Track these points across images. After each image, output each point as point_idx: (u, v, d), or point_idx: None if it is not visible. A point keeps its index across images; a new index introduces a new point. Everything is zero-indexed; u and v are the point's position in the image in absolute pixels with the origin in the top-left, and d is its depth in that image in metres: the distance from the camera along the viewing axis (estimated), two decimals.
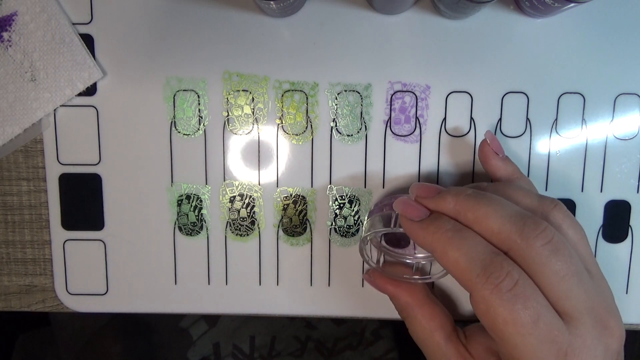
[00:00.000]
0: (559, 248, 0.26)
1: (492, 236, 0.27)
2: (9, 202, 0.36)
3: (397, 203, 0.30)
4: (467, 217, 0.27)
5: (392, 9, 0.33)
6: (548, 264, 0.26)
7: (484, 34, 0.34)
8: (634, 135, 0.35)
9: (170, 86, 0.35)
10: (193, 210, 0.36)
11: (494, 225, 0.27)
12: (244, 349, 0.64)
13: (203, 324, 0.65)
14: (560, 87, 0.34)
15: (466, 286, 0.26)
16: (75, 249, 0.37)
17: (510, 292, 0.25)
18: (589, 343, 0.26)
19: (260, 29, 0.34)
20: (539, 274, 0.26)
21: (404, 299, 0.32)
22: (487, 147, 0.33)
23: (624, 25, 0.34)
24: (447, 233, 0.27)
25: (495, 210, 0.27)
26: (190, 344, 0.64)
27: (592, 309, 0.27)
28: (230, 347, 0.64)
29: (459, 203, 0.28)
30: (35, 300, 0.38)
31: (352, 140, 0.35)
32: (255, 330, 0.65)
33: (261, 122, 0.35)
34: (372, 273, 0.34)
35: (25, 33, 0.33)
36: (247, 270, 0.36)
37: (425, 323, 0.31)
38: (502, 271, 0.25)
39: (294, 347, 0.65)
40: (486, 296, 0.25)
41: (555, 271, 0.26)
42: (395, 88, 0.34)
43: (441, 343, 0.31)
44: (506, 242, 0.26)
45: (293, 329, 0.65)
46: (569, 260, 0.26)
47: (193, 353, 0.64)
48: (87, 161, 0.36)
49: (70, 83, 0.34)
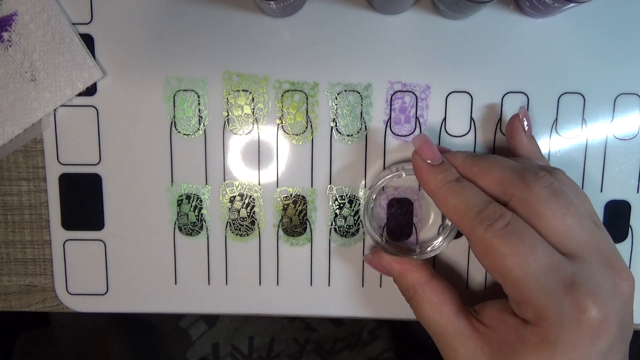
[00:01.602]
0: (558, 191, 0.27)
1: (495, 186, 0.28)
2: (9, 202, 0.36)
3: (416, 138, 0.31)
4: (472, 171, 0.29)
5: (392, 9, 0.33)
6: (547, 205, 0.27)
7: (484, 34, 0.34)
8: (634, 135, 0.35)
9: (170, 86, 0.35)
10: (193, 210, 0.36)
11: (497, 174, 0.28)
12: (243, 349, 0.64)
13: (202, 324, 0.65)
14: (560, 87, 0.34)
15: (464, 230, 0.28)
16: (75, 249, 0.37)
17: (504, 229, 0.26)
18: (595, 276, 0.26)
19: (260, 29, 0.34)
20: (539, 216, 0.27)
21: (412, 277, 0.31)
22: (518, 122, 0.33)
23: (624, 25, 0.34)
24: (450, 183, 0.29)
25: (499, 163, 0.29)
26: (189, 344, 0.64)
27: (597, 248, 0.27)
28: (229, 348, 0.64)
29: (467, 158, 0.30)
30: (35, 300, 0.38)
31: (352, 140, 0.35)
32: (254, 331, 0.65)
33: (261, 122, 0.35)
34: (376, 252, 0.33)
35: (25, 33, 0.33)
36: (247, 270, 0.36)
37: (435, 297, 0.30)
38: (496, 214, 0.27)
39: (293, 349, 0.65)
40: (482, 235, 0.27)
41: (554, 210, 0.27)
42: (395, 88, 0.34)
43: (452, 317, 0.30)
44: (508, 190, 0.28)
45: (292, 330, 0.65)
46: (569, 201, 0.27)
47: (192, 353, 0.64)
48: (87, 161, 0.36)
49: (70, 83, 0.34)
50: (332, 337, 0.65)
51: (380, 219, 0.35)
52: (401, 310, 0.37)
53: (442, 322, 0.30)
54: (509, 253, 0.26)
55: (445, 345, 0.29)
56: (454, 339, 0.29)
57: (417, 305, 0.31)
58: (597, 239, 0.27)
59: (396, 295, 0.36)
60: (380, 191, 0.35)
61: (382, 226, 0.35)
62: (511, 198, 0.28)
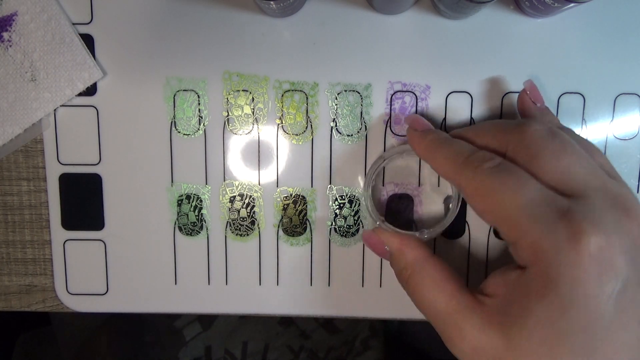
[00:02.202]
0: (555, 132, 0.26)
1: (492, 140, 0.28)
2: (9, 202, 0.36)
3: (408, 116, 0.33)
4: (468, 134, 0.29)
5: (392, 9, 0.33)
6: (543, 143, 0.26)
7: (484, 34, 0.34)
8: (634, 135, 0.35)
9: (170, 86, 0.35)
10: (193, 210, 0.36)
11: (493, 129, 0.28)
12: (236, 354, 0.64)
13: (197, 325, 0.65)
14: (560, 87, 0.34)
15: (455, 178, 0.28)
16: (75, 249, 0.37)
17: (493, 168, 0.26)
18: (597, 210, 0.24)
19: (260, 29, 0.34)
20: (535, 157, 0.26)
21: (411, 253, 0.29)
22: (526, 97, 0.32)
23: (624, 25, 0.34)
24: (439, 141, 0.29)
25: (492, 124, 0.29)
26: (182, 345, 0.64)
27: (603, 190, 0.25)
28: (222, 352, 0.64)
29: (461, 131, 0.30)
30: (35, 300, 0.38)
31: (352, 140, 0.35)
32: (249, 335, 0.65)
33: (261, 122, 0.35)
34: (376, 229, 0.32)
35: (25, 33, 0.33)
36: (247, 270, 0.36)
37: (437, 274, 0.28)
38: (485, 157, 0.27)
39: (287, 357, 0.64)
40: (471, 176, 0.26)
41: (550, 150, 0.26)
42: (395, 88, 0.34)
43: (455, 292, 0.27)
44: (504, 139, 0.27)
45: (287, 336, 0.65)
46: (566, 141, 0.26)
47: (185, 353, 0.64)
48: (87, 161, 0.36)
49: (71, 83, 0.34)
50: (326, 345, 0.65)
51: (381, 206, 0.35)
52: (401, 310, 0.37)
53: (443, 299, 0.27)
54: (499, 187, 0.25)
55: (449, 326, 0.26)
56: (458, 314, 0.26)
57: (416, 284, 0.28)
58: (602, 182, 0.25)
59: (396, 295, 0.36)
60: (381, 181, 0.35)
61: (383, 207, 0.35)
62: (507, 146, 0.27)
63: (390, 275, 0.36)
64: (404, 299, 0.32)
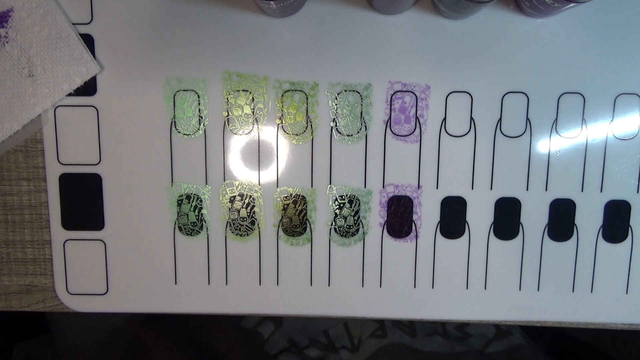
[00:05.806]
0: None
1: None
2: (9, 202, 0.36)
3: None
4: None
5: (392, 9, 0.33)
6: None
7: (484, 34, 0.34)
8: (634, 135, 0.35)
9: (170, 86, 0.35)
10: (193, 210, 0.36)
11: None
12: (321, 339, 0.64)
13: (270, 323, 0.65)
14: (560, 87, 0.34)
15: None
16: (76, 249, 0.36)
17: None
18: None
19: (260, 29, 0.34)
20: None
21: None
22: None
23: (624, 25, 0.34)
24: None
25: None
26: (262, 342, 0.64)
27: None
28: (307, 341, 0.64)
29: None
30: (36, 300, 0.38)
31: (352, 140, 0.35)
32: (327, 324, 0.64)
33: (261, 122, 0.35)
34: None
35: (21, 29, 0.33)
36: (247, 270, 0.36)
37: None
38: None
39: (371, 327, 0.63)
40: None
41: None
42: (395, 88, 0.34)
43: None
44: None
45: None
46: None
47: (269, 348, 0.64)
48: (87, 161, 0.35)
49: (68, 78, 0.34)
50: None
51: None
52: (401, 310, 0.37)
53: None
54: None
55: None
56: None
57: None
58: None
59: (396, 295, 0.36)
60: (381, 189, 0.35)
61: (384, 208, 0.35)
62: None
63: (390, 275, 0.36)
64: (404, 299, 0.32)
